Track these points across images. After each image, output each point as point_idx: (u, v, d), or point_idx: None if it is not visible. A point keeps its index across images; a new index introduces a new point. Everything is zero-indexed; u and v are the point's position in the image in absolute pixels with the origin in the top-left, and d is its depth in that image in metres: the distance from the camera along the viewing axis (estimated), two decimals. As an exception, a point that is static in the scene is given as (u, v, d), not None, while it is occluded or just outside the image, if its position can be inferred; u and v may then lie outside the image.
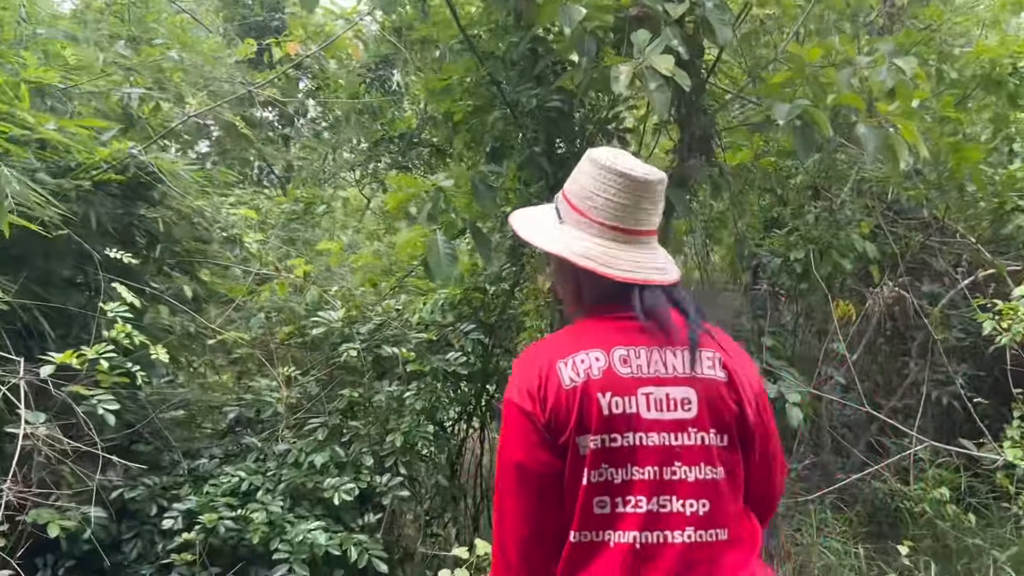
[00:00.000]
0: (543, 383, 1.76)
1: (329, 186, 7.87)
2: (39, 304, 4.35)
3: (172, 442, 4.76)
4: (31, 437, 3.60)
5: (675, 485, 1.75)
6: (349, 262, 5.39)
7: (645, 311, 1.82)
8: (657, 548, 1.72)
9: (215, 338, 5.01)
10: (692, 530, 1.74)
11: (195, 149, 7.99)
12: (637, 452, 1.74)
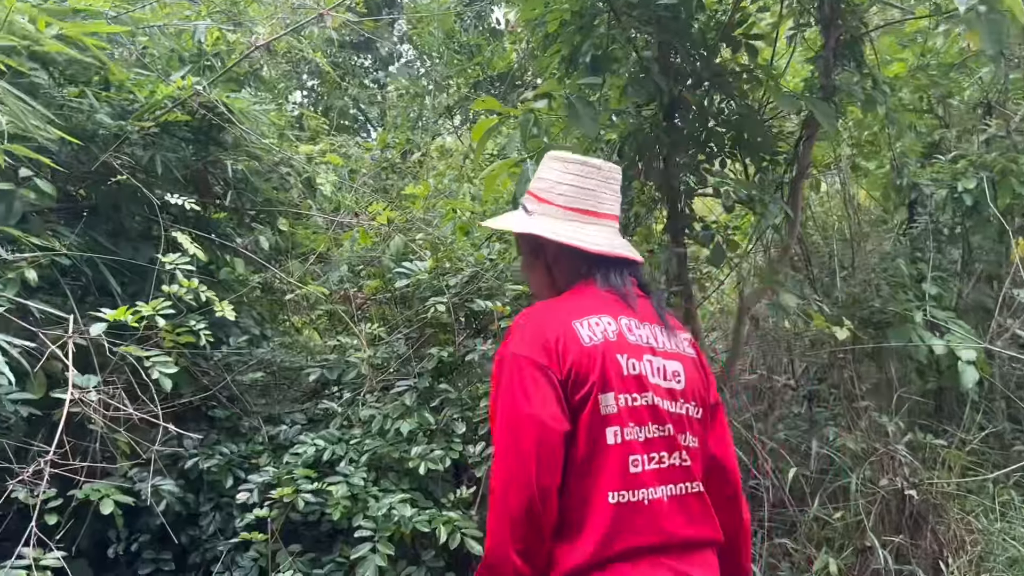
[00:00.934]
0: (560, 340, 1.83)
1: (425, 133, 7.37)
2: (106, 258, 4.01)
3: (251, 407, 4.39)
4: (80, 403, 3.23)
5: (681, 444, 1.91)
6: (438, 208, 4.86)
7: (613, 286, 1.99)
8: (680, 499, 1.88)
9: (295, 293, 4.59)
10: (697, 484, 1.92)
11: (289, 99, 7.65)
12: (658, 411, 1.88)
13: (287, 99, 7.54)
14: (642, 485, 1.82)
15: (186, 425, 3.88)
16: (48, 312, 3.56)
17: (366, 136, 7.84)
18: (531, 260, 2.13)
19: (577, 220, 2.01)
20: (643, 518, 1.81)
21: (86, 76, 4.22)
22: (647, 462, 1.84)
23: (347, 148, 6.04)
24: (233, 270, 4.44)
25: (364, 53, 8.37)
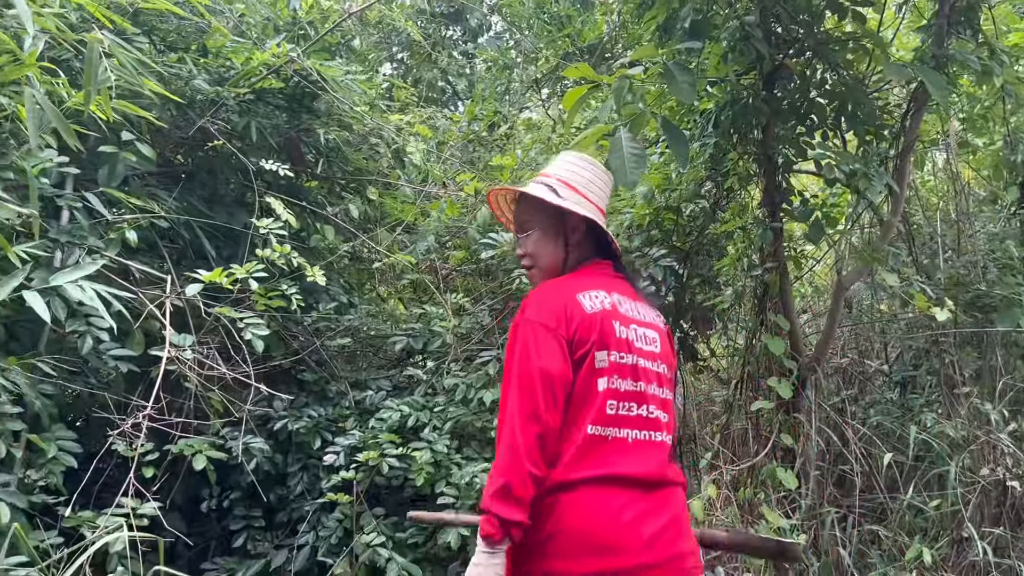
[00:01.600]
0: (567, 308, 2.18)
1: (512, 106, 7.32)
2: (202, 221, 4.12)
3: (339, 371, 4.45)
4: (177, 361, 3.33)
5: (654, 398, 2.27)
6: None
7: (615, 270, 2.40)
8: (644, 444, 2.22)
9: (382, 262, 4.63)
10: (663, 434, 2.26)
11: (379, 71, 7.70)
12: (637, 369, 2.25)
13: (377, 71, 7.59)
14: (612, 424, 2.19)
15: (276, 387, 3.97)
16: (147, 272, 3.67)
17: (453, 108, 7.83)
18: (554, 235, 2.39)
19: (595, 214, 2.36)
20: (608, 451, 2.16)
21: (185, 43, 4.32)
22: (620, 408, 2.21)
23: (435, 120, 6.04)
24: (324, 238, 4.50)
25: (454, 24, 8.35)
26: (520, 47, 7.73)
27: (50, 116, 2.67)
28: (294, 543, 3.89)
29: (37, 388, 3.14)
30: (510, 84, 7.56)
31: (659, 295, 4.18)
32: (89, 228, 3.48)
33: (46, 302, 3.03)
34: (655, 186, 4.27)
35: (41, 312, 2.97)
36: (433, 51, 7.50)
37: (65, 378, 3.29)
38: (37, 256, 3.16)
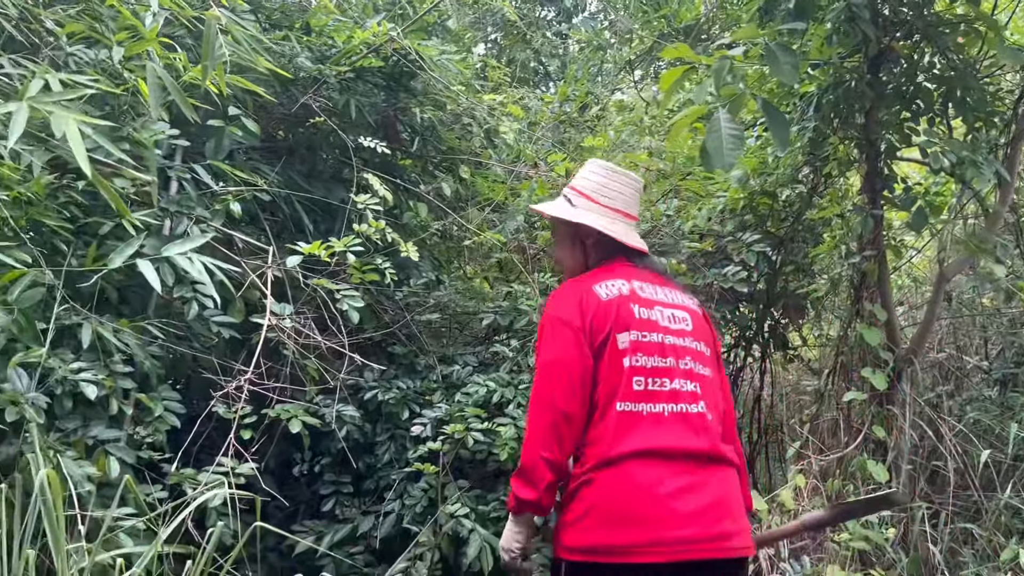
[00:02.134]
0: (583, 300, 2.37)
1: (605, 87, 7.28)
2: (302, 195, 4.25)
3: (427, 346, 4.55)
4: (276, 329, 3.46)
5: (688, 373, 2.39)
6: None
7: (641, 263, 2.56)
8: (682, 417, 2.33)
9: (472, 240, 4.69)
10: (699, 406, 2.36)
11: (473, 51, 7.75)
12: (664, 347, 2.38)
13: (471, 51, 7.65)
14: (643, 400, 2.32)
15: (367, 359, 4.07)
16: (250, 243, 3.82)
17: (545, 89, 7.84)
18: (570, 242, 2.64)
19: (611, 216, 2.55)
20: (644, 426, 2.30)
21: (288, 21, 4.45)
22: (649, 384, 2.34)
23: (527, 100, 6.07)
24: (416, 215, 4.59)
25: (548, 4, 8.34)
26: (614, 27, 7.67)
27: (170, 89, 2.80)
28: (380, 510, 4.00)
29: (146, 350, 3.31)
30: (603, 65, 7.52)
31: (750, 281, 4.12)
32: (196, 199, 3.64)
33: (156, 269, 3.19)
34: (750, 170, 4.21)
35: (152, 280, 3.13)
36: (527, 31, 7.52)
37: (171, 341, 3.46)
38: (148, 224, 3.33)
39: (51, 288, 3.04)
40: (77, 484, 2.76)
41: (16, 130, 2.34)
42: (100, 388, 3.02)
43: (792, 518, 3.31)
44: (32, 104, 2.40)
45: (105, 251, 3.23)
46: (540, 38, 7.75)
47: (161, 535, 2.62)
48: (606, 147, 4.82)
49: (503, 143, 4.82)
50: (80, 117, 2.44)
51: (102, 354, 3.15)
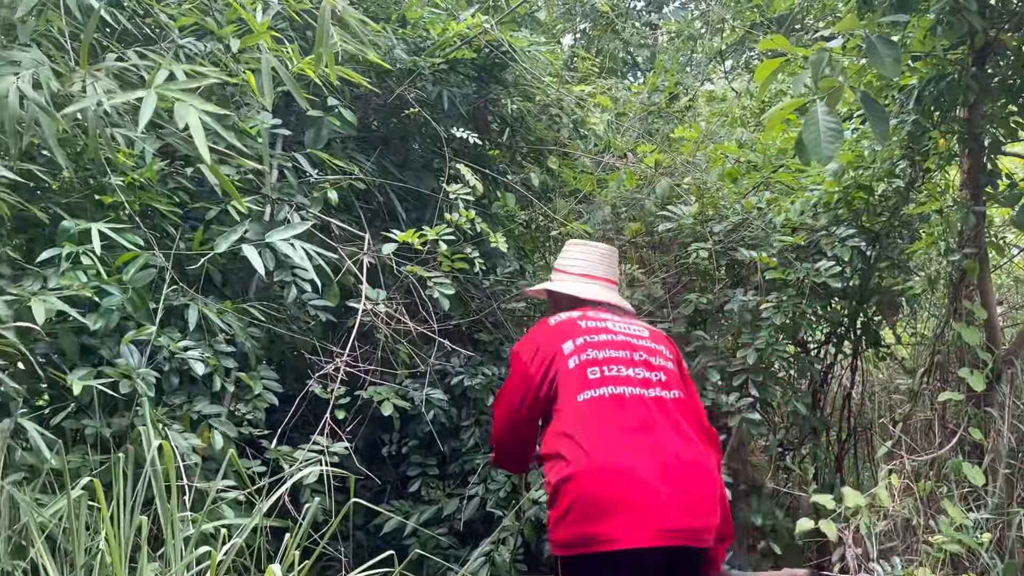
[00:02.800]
0: (535, 333, 2.91)
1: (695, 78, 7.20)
2: (395, 184, 4.35)
3: (512, 334, 4.60)
4: (370, 313, 3.57)
5: (644, 363, 2.73)
6: (708, 152, 4.76)
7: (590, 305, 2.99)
8: (639, 398, 2.64)
9: (559, 230, 4.72)
10: (655, 390, 2.67)
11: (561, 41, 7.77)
12: (615, 343, 2.75)
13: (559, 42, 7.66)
14: (600, 385, 2.64)
15: (454, 345, 4.16)
16: (346, 230, 3.94)
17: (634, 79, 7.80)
18: (552, 306, 3.19)
19: (582, 282, 3.05)
20: (606, 407, 2.60)
21: (384, 13, 4.55)
22: (606, 371, 2.67)
23: (615, 91, 6.06)
24: (504, 204, 4.65)
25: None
26: (705, 18, 7.58)
27: (284, 80, 2.92)
28: (465, 493, 4.08)
29: (247, 331, 3.45)
30: (693, 55, 7.44)
31: (843, 276, 4.04)
32: (297, 186, 3.77)
33: (259, 254, 3.33)
34: (846, 163, 4.12)
35: (256, 264, 3.26)
36: (616, 21, 7.49)
37: (270, 323, 3.60)
38: (251, 210, 3.47)
39: (161, 270, 3.21)
40: (183, 456, 2.91)
41: (145, 115, 2.48)
42: (205, 366, 3.17)
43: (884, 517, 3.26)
44: (159, 92, 2.54)
45: (211, 235, 3.38)
46: (629, 28, 7.71)
47: (261, 508, 2.74)
48: (696, 138, 4.78)
49: (591, 133, 4.83)
50: (201, 105, 2.57)
51: (207, 334, 3.31)
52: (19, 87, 2.30)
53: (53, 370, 2.88)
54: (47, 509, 2.47)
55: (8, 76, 2.32)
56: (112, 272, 2.98)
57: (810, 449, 4.83)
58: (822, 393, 4.78)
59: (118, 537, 2.43)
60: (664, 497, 2.46)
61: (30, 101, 2.36)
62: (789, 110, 3.00)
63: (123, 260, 3.01)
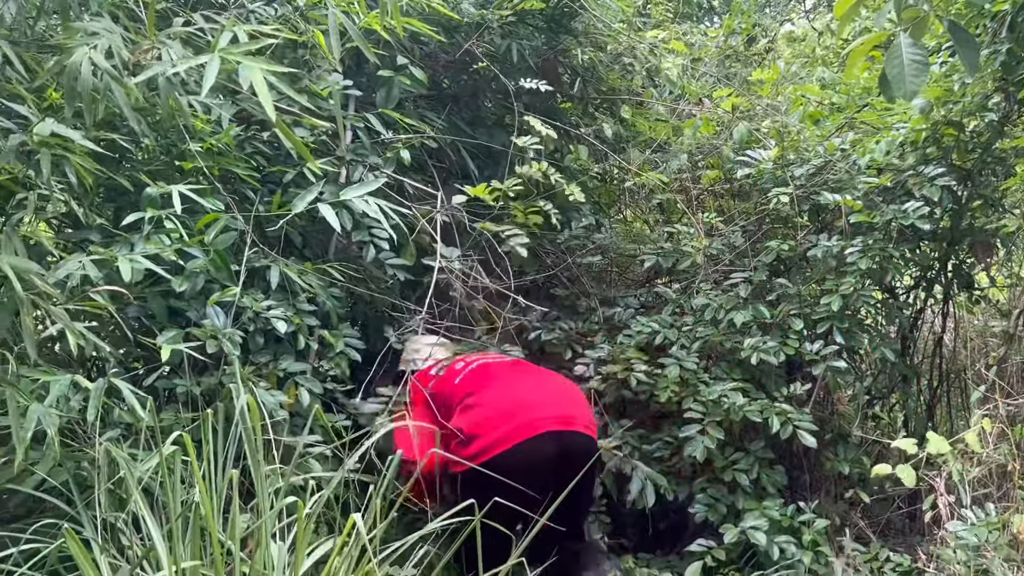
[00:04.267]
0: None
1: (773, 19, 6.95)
2: (466, 141, 4.35)
3: (588, 289, 4.58)
4: (445, 271, 3.60)
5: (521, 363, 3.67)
6: (787, 94, 4.60)
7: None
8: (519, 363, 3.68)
9: (633, 181, 4.66)
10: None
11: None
12: (489, 356, 3.63)
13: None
14: (482, 358, 3.54)
15: (530, 301, 4.17)
16: (420, 189, 3.96)
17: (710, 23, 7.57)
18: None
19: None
20: (487, 370, 3.44)
21: (454, -34, 4.51)
22: (483, 359, 3.54)
23: (690, 36, 5.89)
24: (577, 157, 4.60)
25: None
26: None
27: (352, 35, 2.93)
28: (546, 446, 4.10)
29: (327, 290, 3.52)
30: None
31: (932, 217, 3.87)
32: (370, 147, 3.80)
33: (336, 214, 3.38)
34: (934, 99, 3.93)
35: (332, 222, 3.32)
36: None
37: (350, 283, 3.67)
38: (326, 171, 3.52)
39: (242, 233, 3.30)
40: (271, 412, 3.01)
41: (209, 79, 2.52)
42: (288, 325, 3.26)
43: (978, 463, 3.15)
44: (223, 55, 2.58)
45: (288, 198, 3.45)
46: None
47: (347, 462, 2.81)
48: (775, 80, 4.62)
49: (665, 81, 4.73)
50: (266, 66, 2.60)
51: (289, 294, 3.39)
52: (91, 57, 2.36)
53: (143, 333, 3.00)
54: (143, 464, 2.58)
55: (81, 47, 2.39)
56: (194, 235, 3.07)
57: (900, 397, 4.68)
58: (911, 339, 4.61)
59: (211, 490, 2.54)
60: (540, 400, 3.25)
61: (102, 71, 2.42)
62: (871, 45, 2.86)
63: (204, 222, 3.10)
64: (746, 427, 3.85)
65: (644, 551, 3.98)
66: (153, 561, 2.50)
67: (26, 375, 2.45)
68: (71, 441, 2.66)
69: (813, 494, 4.02)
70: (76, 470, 2.63)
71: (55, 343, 3.23)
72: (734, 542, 3.53)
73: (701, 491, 3.77)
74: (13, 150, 2.42)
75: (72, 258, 2.64)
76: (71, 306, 2.51)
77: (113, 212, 3.28)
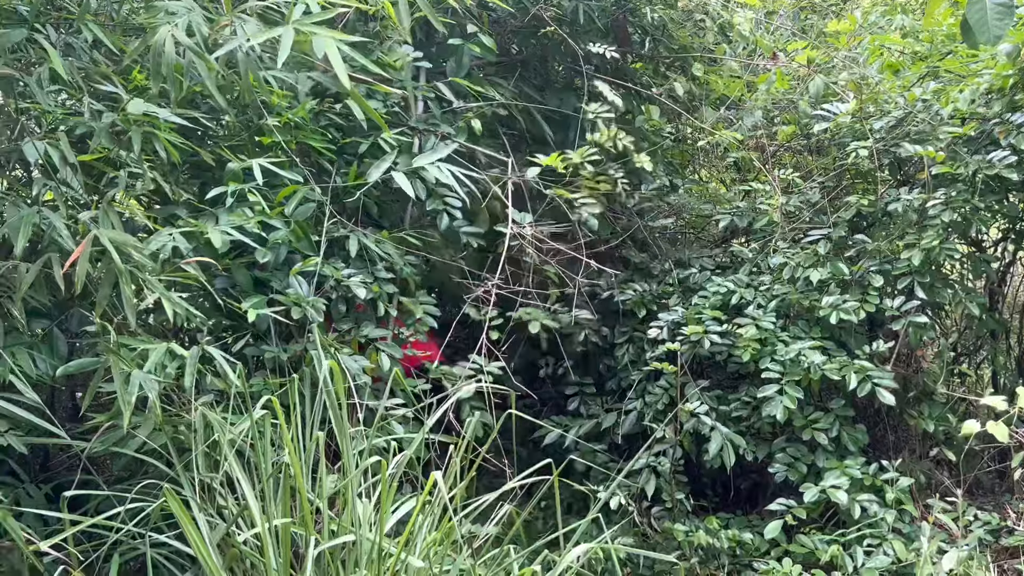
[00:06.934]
0: None
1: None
2: (537, 106, 4.36)
3: (662, 251, 4.57)
4: (517, 237, 3.64)
5: None
6: (865, 44, 4.45)
7: None
8: None
9: (707, 140, 4.60)
10: None
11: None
12: None
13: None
14: None
15: (603, 265, 4.18)
16: (491, 156, 4.00)
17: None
18: None
19: None
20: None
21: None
22: None
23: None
24: (649, 118, 4.56)
25: None
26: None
27: (421, 5, 2.97)
28: (622, 408, 4.14)
29: (404, 259, 3.61)
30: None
31: (1020, 167, 3.73)
32: (441, 117, 3.85)
33: (409, 183, 3.45)
34: (1021, 43, 3.76)
35: (407, 190, 3.39)
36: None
37: (425, 251, 3.74)
38: (400, 142, 3.59)
39: (320, 204, 3.39)
40: (354, 377, 3.11)
41: (284, 51, 2.59)
42: (368, 292, 3.35)
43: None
44: (297, 27, 2.65)
45: (363, 169, 3.53)
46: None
47: (427, 423, 2.90)
48: (852, 31, 4.48)
49: (738, 36, 4.63)
50: (339, 35, 2.66)
51: (368, 263, 3.49)
52: (174, 35, 2.45)
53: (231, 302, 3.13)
54: (235, 427, 2.71)
55: (164, 25, 2.49)
56: (275, 207, 3.18)
57: (988, 353, 4.55)
58: (999, 294, 4.47)
59: (299, 451, 2.65)
60: None
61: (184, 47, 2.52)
62: (952, -12, 2.76)
63: (284, 195, 3.20)
64: (826, 386, 3.81)
65: (724, 511, 4.00)
66: (247, 519, 2.63)
67: (126, 343, 2.58)
68: (167, 406, 2.81)
69: (896, 453, 3.96)
70: (173, 434, 2.77)
71: (148, 314, 3.39)
72: (814, 501, 3.52)
73: (780, 451, 3.76)
74: (106, 129, 2.54)
75: (163, 231, 2.77)
76: (164, 277, 2.64)
77: (197, 187, 3.41)
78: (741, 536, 3.63)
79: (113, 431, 2.70)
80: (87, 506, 2.83)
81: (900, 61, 4.34)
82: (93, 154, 2.73)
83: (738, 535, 3.64)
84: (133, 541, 2.62)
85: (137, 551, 2.65)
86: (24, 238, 2.36)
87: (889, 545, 3.38)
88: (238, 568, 2.58)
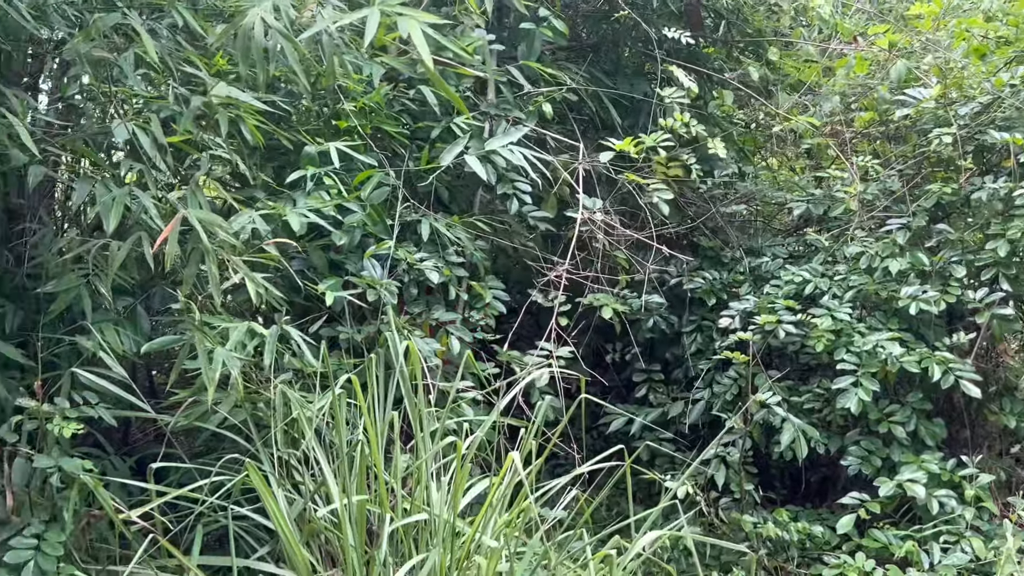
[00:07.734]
0: None
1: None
2: (607, 91, 4.33)
3: (733, 238, 4.50)
4: (587, 222, 3.62)
5: None
6: (949, 28, 4.31)
7: None
8: None
9: (781, 126, 4.51)
10: None
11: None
12: None
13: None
14: None
15: (672, 251, 4.14)
16: (561, 141, 3.99)
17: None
18: None
19: None
20: None
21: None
22: None
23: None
24: (722, 103, 4.49)
25: None
26: None
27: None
28: (689, 397, 4.10)
29: (475, 243, 3.62)
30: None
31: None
32: (512, 101, 3.85)
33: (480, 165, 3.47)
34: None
35: (480, 172, 3.41)
36: None
37: (495, 236, 3.76)
38: (471, 126, 3.60)
39: (393, 188, 3.43)
40: (426, 359, 3.14)
41: (370, 32, 2.62)
42: (440, 276, 3.38)
43: None
44: (382, 8, 2.67)
45: (435, 154, 3.55)
46: None
47: (498, 406, 2.92)
48: (936, 14, 4.33)
49: (815, 19, 4.52)
50: (424, 16, 2.68)
51: (439, 247, 3.51)
52: (262, 17, 2.50)
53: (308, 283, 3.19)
54: (313, 406, 2.77)
55: (252, 8, 2.53)
56: (351, 191, 3.22)
57: (1075, 348, 4.39)
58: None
59: (374, 430, 2.69)
60: None
61: (272, 31, 2.56)
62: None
63: (360, 179, 3.24)
64: (902, 379, 3.72)
65: (792, 504, 3.93)
66: (324, 495, 2.69)
67: (208, 322, 2.65)
68: (247, 383, 2.88)
69: (975, 449, 3.85)
70: (252, 411, 2.84)
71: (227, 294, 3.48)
72: (890, 495, 3.43)
73: (854, 444, 3.68)
74: (193, 112, 2.60)
75: (243, 213, 2.83)
76: (246, 257, 2.69)
77: (273, 170, 3.48)
78: (811, 529, 3.57)
79: (195, 407, 2.78)
80: (169, 479, 2.92)
81: (986, 45, 4.19)
82: (177, 136, 2.80)
83: (808, 528, 3.58)
84: (214, 514, 2.69)
85: (218, 524, 2.73)
86: (116, 218, 2.43)
87: (967, 542, 3.29)
88: (314, 543, 2.63)
